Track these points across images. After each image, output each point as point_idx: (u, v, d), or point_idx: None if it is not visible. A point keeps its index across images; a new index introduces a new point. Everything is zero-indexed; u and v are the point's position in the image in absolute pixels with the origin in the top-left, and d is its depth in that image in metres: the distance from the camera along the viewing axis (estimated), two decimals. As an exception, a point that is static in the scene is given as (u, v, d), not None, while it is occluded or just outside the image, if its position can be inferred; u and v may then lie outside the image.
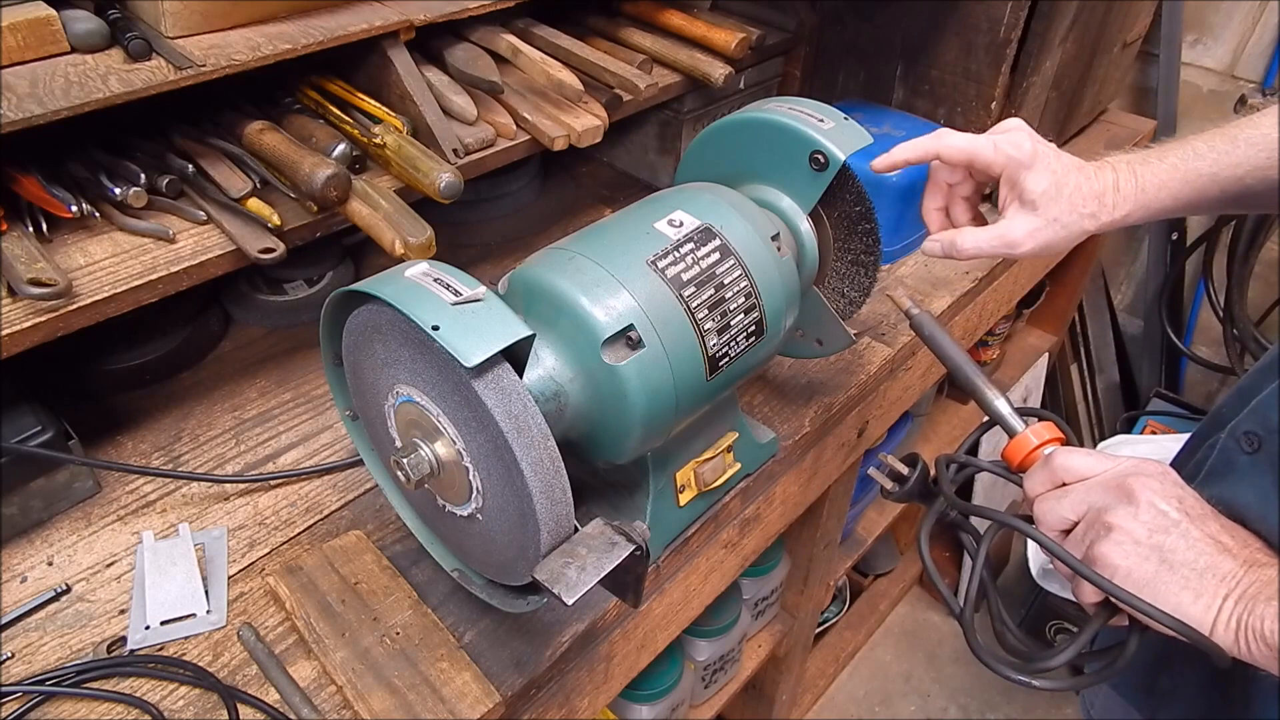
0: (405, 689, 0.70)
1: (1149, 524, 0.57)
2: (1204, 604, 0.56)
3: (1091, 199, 0.75)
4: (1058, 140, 1.51)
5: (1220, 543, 0.57)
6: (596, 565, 0.59)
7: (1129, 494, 0.58)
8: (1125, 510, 0.58)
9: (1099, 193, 0.75)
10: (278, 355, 1.06)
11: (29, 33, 0.76)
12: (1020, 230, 0.75)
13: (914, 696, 2.05)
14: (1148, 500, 0.58)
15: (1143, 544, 0.57)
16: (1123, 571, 0.57)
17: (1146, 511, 0.58)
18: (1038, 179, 0.75)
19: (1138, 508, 0.58)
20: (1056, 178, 0.75)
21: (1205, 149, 0.73)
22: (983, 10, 1.20)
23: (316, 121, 0.93)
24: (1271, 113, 0.73)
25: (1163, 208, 0.75)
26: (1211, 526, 0.58)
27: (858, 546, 1.68)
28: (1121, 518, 0.58)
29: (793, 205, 0.82)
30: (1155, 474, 0.60)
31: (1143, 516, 0.58)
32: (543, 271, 0.68)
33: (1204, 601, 0.56)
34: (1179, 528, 0.57)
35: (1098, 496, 0.60)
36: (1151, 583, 0.57)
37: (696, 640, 1.36)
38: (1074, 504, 0.61)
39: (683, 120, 1.30)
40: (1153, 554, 0.57)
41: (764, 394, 1.03)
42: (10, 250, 0.76)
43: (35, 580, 0.79)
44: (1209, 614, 0.55)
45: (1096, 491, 0.60)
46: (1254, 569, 0.55)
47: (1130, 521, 0.58)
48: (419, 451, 0.63)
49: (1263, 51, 1.71)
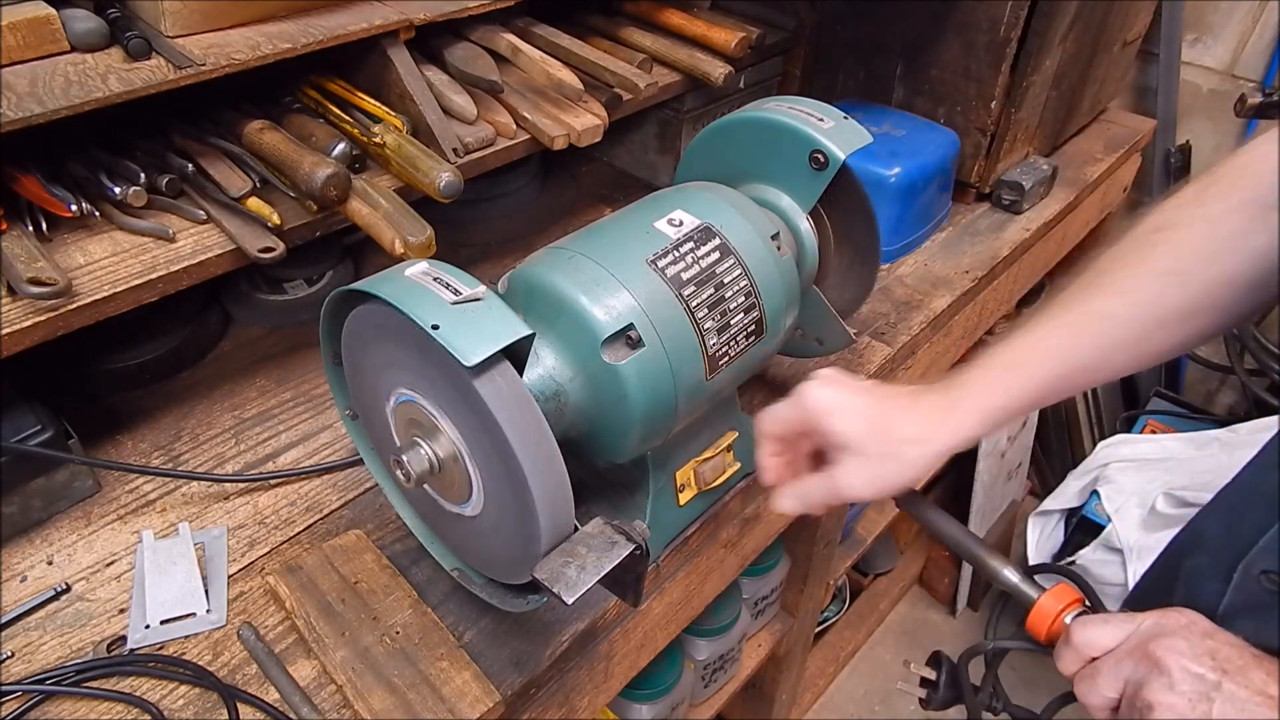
0: (405, 688, 0.70)
1: (1188, 694, 0.53)
2: None
3: (923, 422, 0.66)
4: (1057, 140, 1.52)
5: (1269, 695, 0.52)
6: (596, 564, 0.59)
7: (1157, 663, 0.54)
8: (1159, 683, 0.54)
9: (931, 411, 0.66)
10: (278, 355, 1.06)
11: (29, 32, 0.76)
12: (846, 476, 0.66)
13: (914, 696, 2.05)
14: (1179, 666, 0.53)
15: (1188, 718, 0.52)
16: None
17: (1181, 680, 0.53)
18: (846, 422, 0.66)
19: (1171, 678, 0.53)
20: (868, 416, 0.66)
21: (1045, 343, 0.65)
22: (983, 9, 1.20)
23: (316, 121, 0.93)
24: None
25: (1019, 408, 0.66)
26: (1256, 678, 0.53)
27: (857, 546, 1.68)
28: (1158, 693, 0.54)
29: (792, 204, 0.82)
30: (1179, 630, 0.55)
31: (1180, 687, 0.53)
32: (543, 271, 0.68)
33: None
34: (1220, 691, 0.52)
35: (1129, 670, 0.56)
36: None
37: (696, 639, 1.36)
38: (1109, 682, 0.57)
39: (683, 119, 1.30)
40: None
41: (764, 393, 1.03)
42: (10, 249, 0.76)
43: (35, 579, 0.79)
44: None
45: (1126, 664, 0.56)
46: None
47: (1168, 695, 0.53)
48: (419, 450, 0.63)
49: (1263, 51, 1.71)
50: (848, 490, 0.67)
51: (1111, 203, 1.72)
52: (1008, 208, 1.37)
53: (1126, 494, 1.58)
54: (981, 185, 1.37)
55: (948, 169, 1.28)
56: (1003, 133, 1.30)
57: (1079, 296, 0.66)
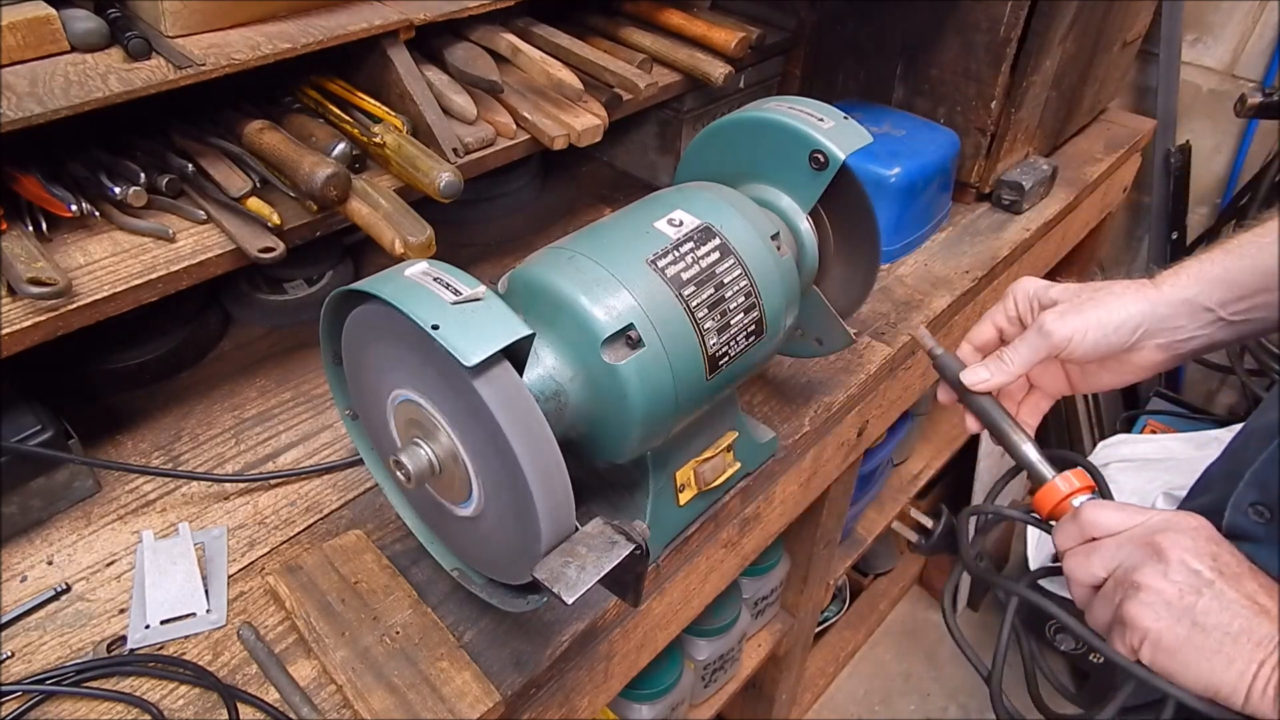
0: (405, 688, 0.70)
1: (1180, 583, 0.55)
2: (1237, 670, 0.52)
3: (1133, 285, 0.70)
4: (1057, 140, 1.52)
5: (1258, 604, 0.54)
6: (596, 564, 0.59)
7: (1159, 551, 0.56)
8: (1155, 568, 0.56)
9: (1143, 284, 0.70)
10: (277, 354, 1.06)
11: (29, 32, 0.76)
12: (1052, 319, 0.69)
13: (914, 696, 2.05)
14: (1179, 558, 0.55)
15: (1174, 605, 0.54)
16: (1153, 634, 0.55)
17: (1178, 570, 0.55)
18: (1055, 290, 0.72)
19: (1168, 566, 0.55)
20: (1073, 285, 0.72)
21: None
22: (983, 9, 1.20)
23: (316, 121, 0.93)
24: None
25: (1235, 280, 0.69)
26: (1248, 586, 0.54)
27: (857, 546, 1.68)
28: (1151, 576, 0.55)
29: (792, 204, 0.82)
30: (1188, 529, 0.57)
31: (1174, 575, 0.55)
32: (543, 271, 0.68)
33: (1237, 668, 0.52)
34: (1212, 588, 0.54)
35: (1128, 553, 0.58)
36: (1182, 647, 0.54)
37: (696, 639, 1.36)
38: (1104, 560, 0.59)
39: (683, 119, 1.30)
40: (1184, 616, 0.54)
41: (764, 393, 1.03)
42: (10, 249, 0.76)
43: (35, 579, 0.79)
44: (1243, 681, 0.52)
45: (1127, 548, 0.58)
46: None
47: (1160, 580, 0.55)
48: (419, 451, 0.63)
49: (1263, 51, 1.71)
50: (1051, 327, 0.69)
51: (1111, 203, 1.72)
52: (1008, 208, 1.38)
53: (1126, 494, 1.57)
54: (981, 185, 1.37)
55: (948, 169, 1.28)
56: (1003, 133, 1.30)
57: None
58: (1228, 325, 0.69)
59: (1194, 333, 0.69)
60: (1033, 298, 0.73)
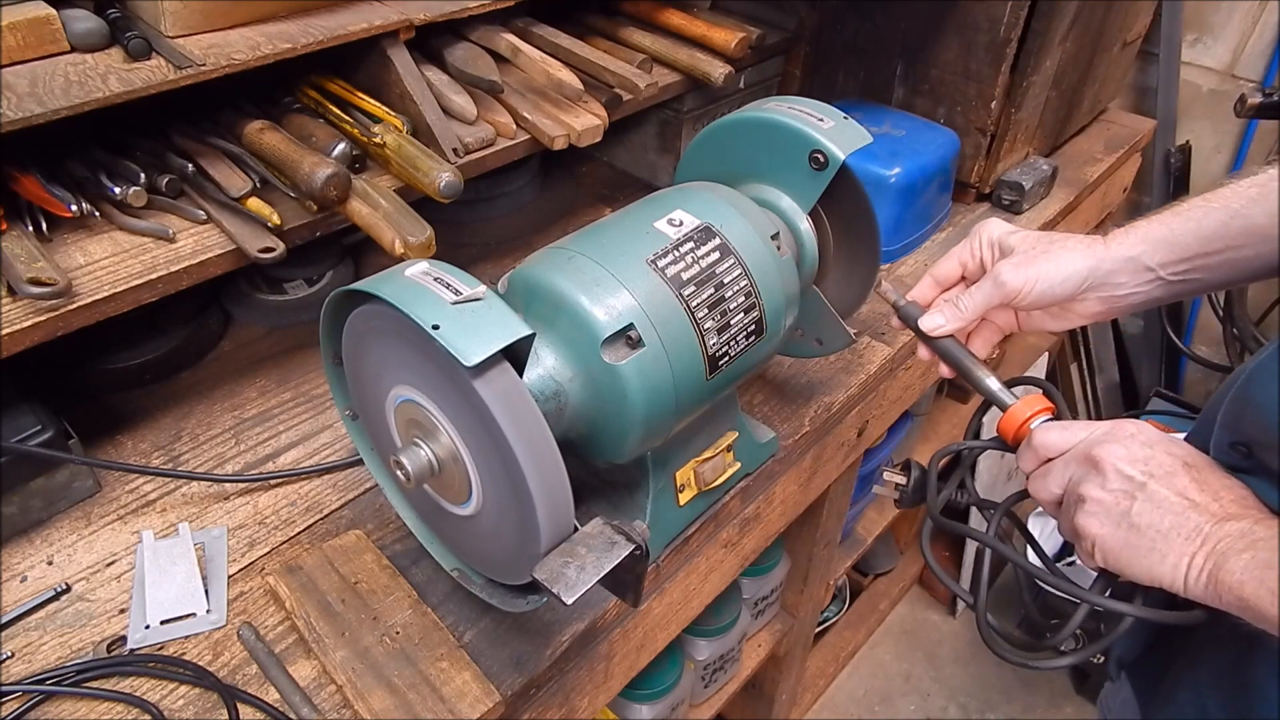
0: (405, 688, 0.70)
1: (1116, 490, 0.59)
2: (1170, 564, 0.56)
3: (1085, 240, 0.73)
4: (1057, 140, 1.52)
5: (1189, 499, 0.57)
6: (596, 564, 0.59)
7: (1096, 463, 0.60)
8: (1094, 480, 0.60)
9: (1093, 240, 0.73)
10: (278, 355, 1.06)
11: (29, 32, 0.76)
12: (1005, 269, 0.73)
13: (913, 696, 2.05)
14: (1113, 467, 0.59)
15: (1112, 511, 0.59)
16: (1100, 540, 0.59)
17: (1114, 479, 0.59)
18: (1014, 237, 0.75)
19: (1105, 476, 0.59)
20: (1036, 235, 0.75)
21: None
22: (983, 10, 1.20)
23: (316, 121, 0.93)
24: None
25: (1178, 241, 0.71)
26: (1180, 482, 0.58)
27: (857, 546, 1.68)
28: (1091, 488, 0.60)
29: (792, 204, 0.82)
30: (1124, 437, 0.61)
31: (1110, 484, 0.59)
32: (543, 271, 0.68)
33: (1170, 561, 0.56)
34: (1144, 490, 0.58)
35: (1073, 470, 0.62)
36: (1124, 549, 0.58)
37: (696, 639, 1.36)
38: (1056, 479, 0.64)
39: (683, 119, 1.30)
40: (1122, 520, 0.58)
41: (764, 393, 1.03)
42: (10, 250, 0.76)
43: (35, 580, 0.79)
44: (1178, 573, 0.56)
45: (1072, 465, 0.62)
46: (1225, 522, 0.55)
47: (1099, 491, 0.59)
48: (419, 451, 0.63)
49: (1263, 51, 1.72)
50: (1005, 278, 0.72)
51: (1111, 203, 1.72)
52: (1008, 208, 1.38)
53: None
54: (981, 185, 1.37)
55: (948, 169, 1.28)
56: (1003, 133, 1.30)
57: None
58: (1165, 284, 0.72)
59: (1133, 289, 0.72)
60: (995, 242, 0.77)
